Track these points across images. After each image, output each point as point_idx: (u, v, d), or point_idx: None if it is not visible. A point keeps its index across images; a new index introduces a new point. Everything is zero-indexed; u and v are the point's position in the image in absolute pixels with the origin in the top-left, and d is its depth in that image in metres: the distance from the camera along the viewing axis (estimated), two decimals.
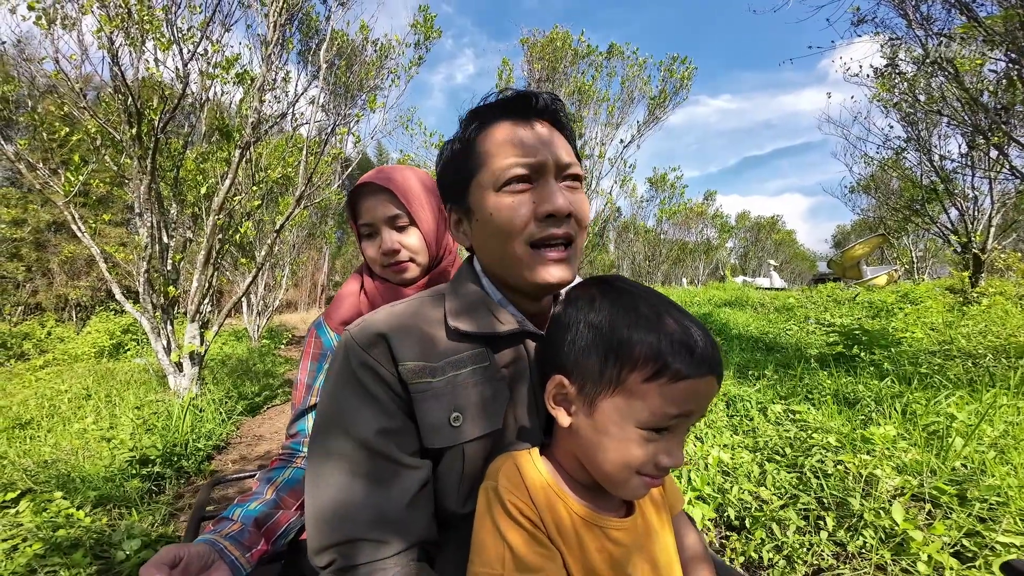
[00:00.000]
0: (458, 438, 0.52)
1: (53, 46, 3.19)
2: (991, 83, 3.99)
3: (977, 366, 2.89)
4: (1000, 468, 1.53)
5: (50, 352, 8.36)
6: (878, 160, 8.22)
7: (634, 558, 0.49)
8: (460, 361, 0.54)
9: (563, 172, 0.55)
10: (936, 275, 14.19)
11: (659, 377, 0.43)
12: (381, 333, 0.53)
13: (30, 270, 12.65)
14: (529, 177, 0.54)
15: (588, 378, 0.47)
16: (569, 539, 0.47)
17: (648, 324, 0.45)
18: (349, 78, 6.69)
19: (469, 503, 0.53)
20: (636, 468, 0.46)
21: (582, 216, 0.56)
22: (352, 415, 0.51)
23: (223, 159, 4.13)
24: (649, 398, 0.44)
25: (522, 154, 0.53)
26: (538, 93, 0.56)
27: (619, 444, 0.46)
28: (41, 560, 1.62)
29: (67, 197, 3.46)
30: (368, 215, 0.87)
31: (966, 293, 6.36)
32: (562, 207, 0.52)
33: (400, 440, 0.51)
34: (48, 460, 2.54)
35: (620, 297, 0.49)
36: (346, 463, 0.50)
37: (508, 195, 0.53)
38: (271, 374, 5.53)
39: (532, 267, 0.54)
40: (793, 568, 1.41)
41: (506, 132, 0.55)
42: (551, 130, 0.57)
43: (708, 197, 20.67)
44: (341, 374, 0.53)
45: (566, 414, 0.49)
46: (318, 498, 0.50)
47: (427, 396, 0.52)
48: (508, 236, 0.53)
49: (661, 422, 0.44)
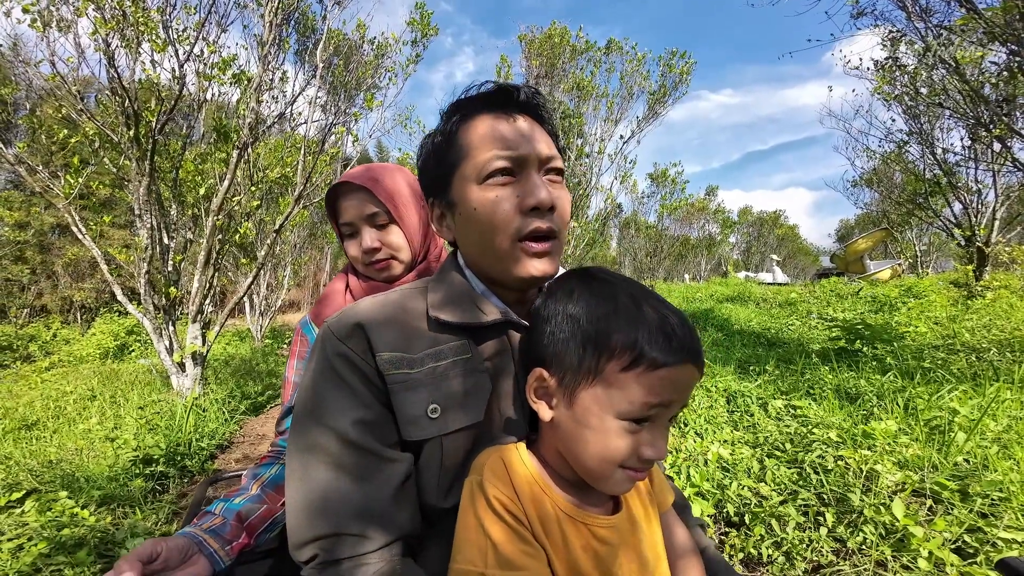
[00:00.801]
0: (436, 430, 0.51)
1: (49, 49, 3.19)
2: (992, 75, 3.95)
3: (981, 360, 2.87)
4: (1003, 463, 1.52)
5: (55, 354, 8.43)
6: (880, 154, 8.16)
7: (620, 556, 0.48)
8: (441, 352, 0.53)
9: (545, 165, 0.55)
10: (940, 269, 14.09)
11: (636, 366, 0.43)
12: (359, 323, 0.53)
13: (35, 272, 12.74)
14: (512, 170, 0.53)
15: (567, 369, 0.47)
16: (554, 536, 0.46)
17: (625, 313, 0.45)
18: (347, 77, 6.67)
19: (450, 497, 0.52)
20: (618, 461, 0.45)
21: (564, 210, 0.56)
22: (329, 406, 0.50)
23: (221, 160, 4.14)
24: (628, 388, 0.44)
25: (505, 147, 0.53)
26: (519, 86, 0.56)
27: (600, 436, 0.45)
28: (46, 559, 1.64)
29: (67, 200, 3.48)
30: (347, 215, 0.87)
31: (970, 287, 6.31)
32: (546, 200, 0.52)
33: (378, 432, 0.50)
34: (53, 460, 2.57)
35: (598, 287, 0.49)
36: (324, 455, 0.49)
37: (491, 188, 0.53)
38: (274, 373, 5.55)
39: (516, 260, 0.53)
40: (792, 564, 1.41)
41: (488, 125, 0.54)
42: (532, 124, 0.56)
43: (710, 192, 20.58)
44: (318, 365, 0.53)
45: (547, 407, 0.49)
46: (297, 491, 0.49)
47: (404, 387, 0.51)
48: (492, 230, 0.53)
49: (641, 412, 0.44)
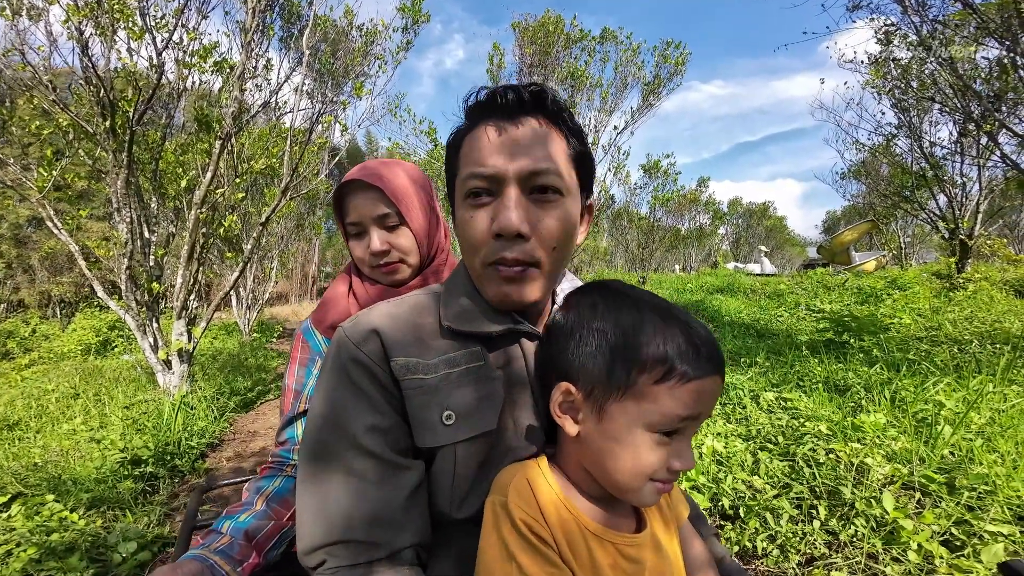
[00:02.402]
0: (450, 437, 0.51)
1: (19, 37, 3.03)
2: (984, 71, 4.00)
3: (963, 352, 2.95)
4: (987, 456, 1.57)
5: (35, 350, 8.21)
6: (869, 146, 8.25)
7: (647, 574, 0.48)
8: (454, 360, 0.53)
9: (530, 183, 0.49)
10: (923, 261, 14.44)
11: (668, 379, 0.44)
12: (374, 329, 0.53)
13: (11, 267, 12.31)
14: (489, 190, 0.50)
15: (596, 384, 0.47)
16: (581, 556, 0.46)
17: (654, 327, 0.46)
18: (334, 64, 6.47)
19: (464, 508, 0.52)
20: (649, 474, 0.45)
21: (548, 235, 0.50)
22: (342, 412, 0.50)
23: (203, 150, 4.00)
24: (659, 400, 0.44)
25: (479, 164, 0.49)
26: (520, 88, 0.51)
27: (631, 450, 0.45)
28: (37, 565, 1.60)
29: (41, 193, 3.34)
30: (356, 214, 0.83)
31: (952, 278, 6.48)
32: (508, 226, 0.48)
33: (391, 438, 0.50)
34: (38, 463, 2.50)
35: (623, 301, 0.49)
36: (337, 461, 0.49)
37: (469, 208, 0.51)
38: (263, 368, 5.48)
39: (488, 281, 0.52)
40: (786, 557, 1.44)
41: (479, 138, 0.51)
42: (537, 130, 0.50)
43: (701, 184, 20.64)
44: (332, 370, 0.53)
45: (573, 422, 0.49)
46: (309, 496, 0.49)
47: (419, 393, 0.51)
48: (470, 250, 0.53)
49: (671, 424, 0.45)
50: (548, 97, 0.51)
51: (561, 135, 0.52)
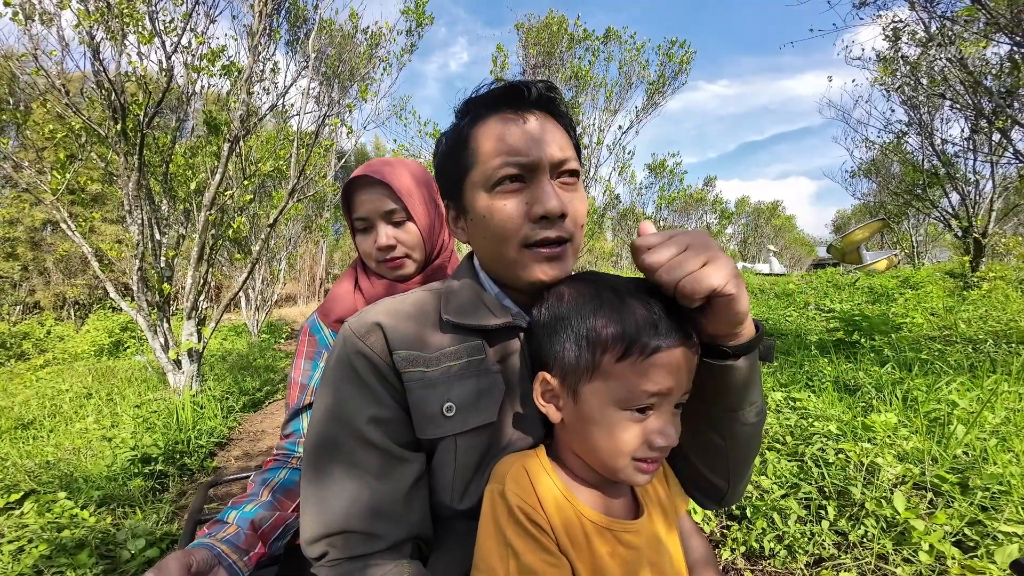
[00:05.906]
0: (451, 429, 0.52)
1: (32, 42, 3.10)
2: (994, 66, 3.92)
3: (978, 352, 2.88)
4: (1002, 456, 1.53)
5: (50, 351, 8.37)
6: (879, 144, 8.12)
7: (645, 561, 0.49)
8: (455, 353, 0.54)
9: (558, 169, 0.53)
10: (936, 260, 14.18)
11: (629, 355, 0.45)
12: (378, 322, 0.54)
13: (26, 269, 12.59)
14: (522, 176, 0.52)
15: (568, 369, 0.48)
16: (579, 543, 0.47)
17: (611, 306, 0.47)
18: (340, 67, 6.54)
19: (465, 499, 0.52)
20: (628, 452, 0.46)
21: (578, 215, 0.55)
22: (346, 404, 0.52)
23: (212, 153, 4.06)
24: (625, 377, 0.45)
25: (514, 153, 0.51)
26: (531, 83, 0.54)
27: (606, 430, 0.46)
28: (47, 561, 1.63)
29: (55, 196, 3.41)
30: (363, 209, 0.85)
31: (966, 277, 6.35)
32: (554, 209, 0.51)
33: (392, 430, 0.51)
34: (51, 460, 2.55)
35: (583, 287, 0.51)
36: (339, 453, 0.50)
37: (500, 197, 0.53)
38: (272, 369, 5.53)
39: (526, 266, 0.53)
40: (794, 558, 1.42)
41: (498, 128, 0.53)
42: (546, 123, 0.54)
43: (708, 183, 20.51)
44: (337, 363, 0.54)
45: (555, 409, 0.50)
46: (311, 487, 0.50)
47: (421, 385, 0.52)
48: (502, 237, 0.53)
49: (641, 400, 0.45)
50: (557, 91, 0.56)
51: (562, 128, 0.56)
